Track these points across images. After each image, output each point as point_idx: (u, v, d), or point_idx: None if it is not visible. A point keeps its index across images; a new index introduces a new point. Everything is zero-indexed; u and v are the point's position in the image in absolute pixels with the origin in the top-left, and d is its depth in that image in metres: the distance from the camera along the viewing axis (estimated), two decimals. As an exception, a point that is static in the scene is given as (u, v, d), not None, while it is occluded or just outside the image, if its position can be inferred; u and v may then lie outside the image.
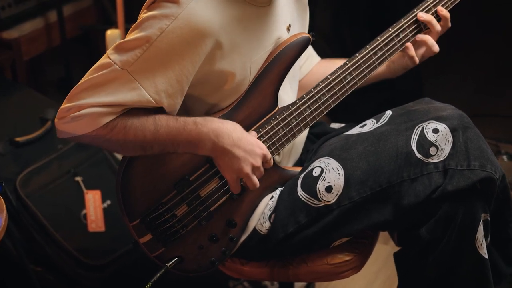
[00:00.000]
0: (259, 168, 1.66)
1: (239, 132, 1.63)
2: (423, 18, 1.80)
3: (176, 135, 1.59)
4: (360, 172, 1.67)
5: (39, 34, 3.06)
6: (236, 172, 1.63)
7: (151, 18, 1.53)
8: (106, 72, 1.54)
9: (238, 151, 1.62)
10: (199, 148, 1.61)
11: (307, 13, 1.88)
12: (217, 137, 1.60)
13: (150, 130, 1.58)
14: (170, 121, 1.59)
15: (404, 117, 1.71)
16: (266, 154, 1.66)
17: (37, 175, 2.40)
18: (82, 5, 3.29)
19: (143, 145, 1.59)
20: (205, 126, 1.60)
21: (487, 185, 1.65)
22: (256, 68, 1.68)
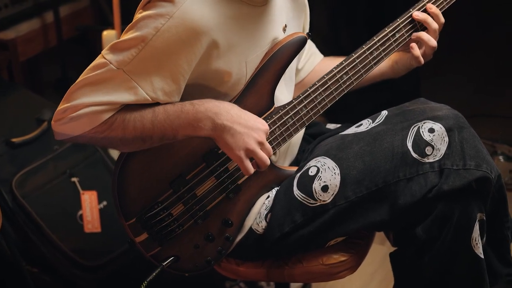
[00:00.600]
0: (264, 144, 1.62)
1: (237, 110, 1.60)
2: (418, 17, 1.79)
3: (174, 119, 1.57)
4: (356, 171, 1.67)
5: (36, 34, 3.06)
6: (242, 148, 1.59)
7: (146, 18, 1.53)
8: (102, 71, 1.54)
9: (239, 127, 1.59)
10: (199, 128, 1.58)
11: (304, 12, 1.88)
12: (216, 114, 1.58)
13: (148, 118, 1.57)
14: (167, 106, 1.58)
15: (400, 117, 1.72)
16: (267, 130, 1.63)
17: (33, 175, 2.39)
18: (79, 5, 3.29)
19: (143, 135, 1.58)
20: (202, 105, 1.58)
21: (482, 184, 1.65)
22: (252, 67, 1.68)
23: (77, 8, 3.28)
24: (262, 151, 1.61)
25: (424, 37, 1.79)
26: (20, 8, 2.99)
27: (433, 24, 1.79)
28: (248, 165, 1.60)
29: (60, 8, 3.10)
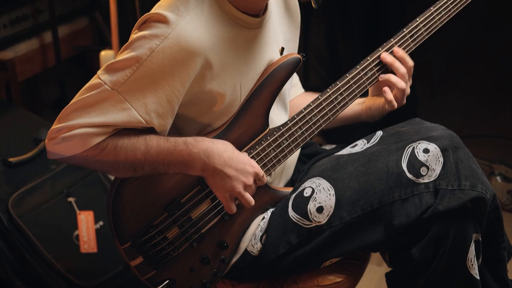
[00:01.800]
0: (251, 186, 1.65)
1: (230, 152, 1.63)
2: (385, 60, 1.76)
3: (166, 155, 1.59)
4: (351, 192, 1.67)
5: (34, 55, 3.07)
6: (228, 191, 1.63)
7: (141, 38, 1.54)
8: (96, 92, 1.54)
9: (229, 170, 1.62)
10: (190, 168, 1.61)
11: (298, 32, 1.89)
12: (208, 157, 1.60)
13: (140, 150, 1.58)
14: (160, 141, 1.59)
15: (395, 137, 1.72)
16: (258, 172, 1.66)
17: (30, 195, 2.39)
18: (78, 26, 3.30)
19: (134, 165, 1.59)
20: (195, 146, 1.60)
21: (478, 205, 1.65)
22: (247, 89, 1.68)
23: (76, 29, 3.29)
24: (248, 191, 1.65)
25: (392, 79, 1.76)
26: (19, 28, 3.01)
27: (400, 69, 1.76)
28: (231, 206, 1.66)
29: (58, 29, 3.11)
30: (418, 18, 1.79)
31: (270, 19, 1.71)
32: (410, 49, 1.80)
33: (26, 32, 3.05)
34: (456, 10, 1.82)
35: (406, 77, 1.77)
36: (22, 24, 3.02)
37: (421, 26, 1.79)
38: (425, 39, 1.81)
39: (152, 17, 1.55)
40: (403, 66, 1.76)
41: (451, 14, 1.82)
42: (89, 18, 3.37)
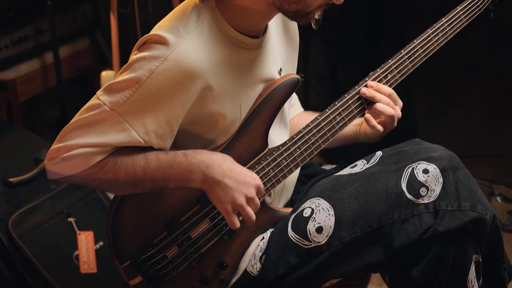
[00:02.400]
0: (253, 199, 1.63)
1: (229, 163, 1.62)
2: (366, 95, 1.76)
3: (166, 169, 1.59)
4: (351, 212, 1.67)
5: (35, 75, 3.08)
6: (230, 203, 1.60)
7: (141, 60, 1.54)
8: (95, 113, 1.55)
9: (230, 181, 1.60)
10: (190, 180, 1.60)
11: (297, 54, 1.89)
12: (207, 167, 1.59)
13: (140, 165, 1.58)
14: (160, 155, 1.59)
15: (394, 158, 1.72)
16: (259, 185, 1.64)
17: (30, 215, 2.39)
18: (79, 46, 3.32)
19: (134, 181, 1.59)
20: (194, 157, 1.59)
21: (478, 226, 1.65)
22: (246, 109, 1.69)
23: (77, 49, 3.31)
24: (250, 206, 1.63)
25: (379, 108, 1.75)
26: (20, 49, 3.02)
27: (383, 99, 1.75)
28: (234, 219, 1.62)
29: (60, 49, 3.12)
30: (416, 39, 1.80)
31: (270, 40, 1.72)
32: (408, 70, 1.81)
33: (28, 53, 3.07)
34: (452, 33, 1.84)
35: (391, 103, 1.77)
36: (23, 45, 3.03)
37: (418, 47, 1.80)
38: (423, 61, 1.82)
39: (151, 38, 1.56)
40: (385, 97, 1.76)
41: (448, 36, 1.83)
42: (90, 39, 3.39)
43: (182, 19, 1.59)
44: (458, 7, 1.85)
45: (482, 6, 1.88)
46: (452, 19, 1.83)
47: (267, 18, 1.67)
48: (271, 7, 1.61)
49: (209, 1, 1.62)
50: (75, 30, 3.31)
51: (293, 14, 1.62)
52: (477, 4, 1.86)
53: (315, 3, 1.60)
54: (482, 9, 1.88)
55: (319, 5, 1.61)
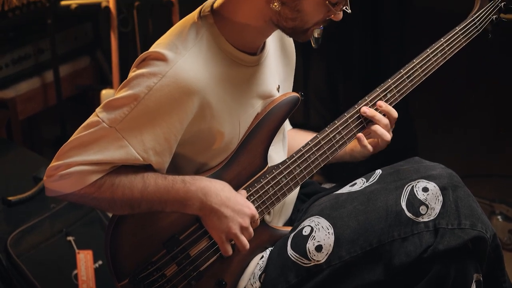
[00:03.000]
0: (247, 228, 1.65)
1: (227, 192, 1.63)
2: (366, 114, 1.76)
3: (164, 193, 1.59)
4: (350, 231, 1.66)
5: (35, 93, 3.09)
6: (225, 232, 1.63)
7: (140, 76, 1.55)
8: (94, 130, 1.55)
9: (227, 210, 1.61)
10: (187, 207, 1.61)
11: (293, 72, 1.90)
12: (205, 195, 1.60)
13: (138, 188, 1.58)
14: (158, 179, 1.59)
15: (394, 176, 1.71)
16: (254, 214, 1.66)
17: (28, 234, 2.38)
18: (79, 65, 3.33)
19: (131, 203, 1.59)
20: (193, 184, 1.60)
21: (478, 244, 1.64)
22: (245, 126, 1.69)
23: (77, 68, 3.31)
24: (244, 235, 1.64)
25: (378, 131, 1.75)
26: (20, 67, 3.03)
27: (382, 120, 1.76)
28: (227, 247, 1.65)
29: (60, 68, 3.13)
30: (415, 59, 1.81)
31: (268, 57, 1.72)
32: (408, 89, 1.81)
33: (28, 71, 3.07)
34: (451, 53, 1.84)
35: (389, 126, 1.78)
36: (24, 64, 3.04)
37: (417, 67, 1.80)
38: (422, 80, 1.82)
39: (150, 55, 1.57)
40: (385, 118, 1.76)
41: (447, 56, 1.84)
42: (91, 57, 3.40)
43: (180, 36, 1.59)
44: (456, 27, 1.86)
45: (480, 27, 1.89)
46: (450, 40, 1.84)
47: (265, 35, 1.67)
48: (269, 23, 1.62)
49: (208, 19, 1.62)
50: (75, 48, 3.32)
51: (291, 30, 1.62)
52: (476, 25, 1.87)
53: (312, 20, 1.60)
54: (480, 30, 1.89)
55: (316, 22, 1.61)
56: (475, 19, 1.87)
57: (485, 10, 1.89)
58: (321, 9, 1.58)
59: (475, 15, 1.88)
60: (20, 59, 3.02)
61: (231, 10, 1.62)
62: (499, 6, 1.91)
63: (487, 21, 1.90)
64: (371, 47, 3.22)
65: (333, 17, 1.62)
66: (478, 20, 1.88)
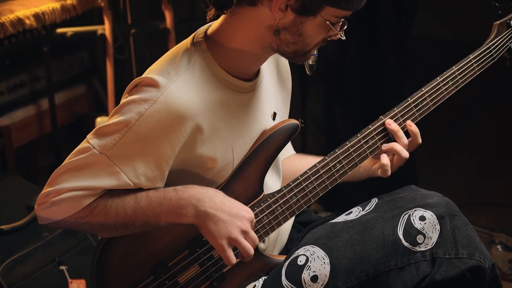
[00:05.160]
0: (248, 232, 1.59)
1: (221, 197, 1.59)
2: (390, 127, 1.74)
3: (157, 206, 1.56)
4: (346, 261, 1.63)
5: (31, 121, 3.08)
6: (224, 237, 1.56)
7: (131, 103, 1.54)
8: (85, 156, 1.53)
9: (223, 214, 1.56)
10: (182, 216, 1.56)
11: (290, 98, 1.88)
12: (199, 201, 1.56)
13: (130, 205, 1.56)
14: (149, 192, 1.57)
15: (390, 205, 1.69)
16: (252, 219, 1.61)
17: (21, 263, 2.37)
18: (75, 92, 3.33)
19: (125, 221, 1.56)
20: (185, 192, 1.57)
21: (476, 274, 1.62)
22: (240, 153, 1.66)
23: (74, 95, 3.32)
24: (247, 240, 1.58)
25: (397, 148, 1.73)
26: (15, 95, 3.02)
27: (403, 139, 1.73)
28: (230, 254, 1.57)
29: (56, 95, 3.12)
30: (424, 88, 1.76)
31: (263, 83, 1.71)
32: (415, 119, 1.77)
33: (23, 99, 3.07)
34: (464, 82, 1.79)
35: (407, 147, 1.75)
36: (19, 91, 3.04)
37: (426, 96, 1.76)
38: (431, 110, 1.78)
39: (142, 81, 1.56)
40: (405, 137, 1.74)
41: (459, 85, 1.79)
42: (88, 85, 3.39)
43: (173, 62, 1.58)
44: (470, 55, 1.80)
45: (497, 55, 1.83)
46: (463, 68, 1.78)
47: (261, 61, 1.66)
48: (267, 49, 1.61)
49: (201, 45, 1.61)
50: (72, 76, 3.33)
51: (292, 54, 1.61)
52: (492, 52, 1.82)
53: (313, 42, 1.60)
54: (496, 58, 1.83)
55: (316, 43, 1.61)
56: (490, 46, 1.82)
57: (502, 37, 1.84)
58: (322, 30, 1.58)
59: (491, 42, 1.83)
60: (15, 87, 3.02)
61: (227, 36, 1.61)
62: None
63: (504, 49, 1.84)
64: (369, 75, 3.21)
65: (333, 36, 1.60)
66: (495, 48, 1.83)
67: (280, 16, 1.55)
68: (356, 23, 3.02)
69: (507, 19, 1.85)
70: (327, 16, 1.55)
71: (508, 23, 1.84)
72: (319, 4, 1.53)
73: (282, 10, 1.54)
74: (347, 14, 1.58)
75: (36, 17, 2.85)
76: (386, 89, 3.15)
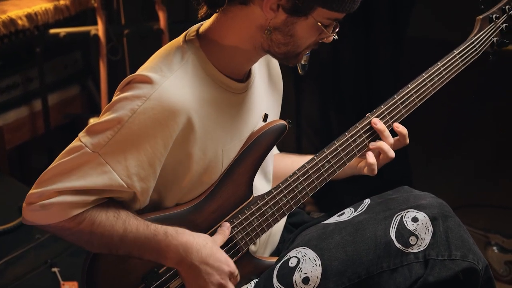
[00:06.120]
0: (225, 287, 1.59)
1: (209, 248, 1.59)
2: (376, 126, 1.73)
3: (144, 243, 1.56)
4: (338, 262, 1.62)
5: (23, 122, 3.07)
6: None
7: (123, 100, 1.52)
8: (76, 155, 1.51)
9: (206, 267, 1.57)
10: (166, 259, 1.57)
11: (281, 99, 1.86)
12: (186, 252, 1.56)
13: (118, 233, 1.55)
14: (140, 227, 1.56)
15: (383, 206, 1.68)
16: (233, 272, 1.61)
17: (12, 265, 2.36)
18: (69, 94, 3.32)
19: (109, 246, 1.56)
20: (175, 239, 1.56)
21: (470, 276, 1.61)
22: (229, 156, 1.65)
23: (67, 96, 3.30)
24: None
25: (384, 147, 1.73)
26: (8, 96, 3.01)
27: (390, 138, 1.74)
28: None
29: (49, 96, 3.11)
30: (410, 84, 1.77)
31: (254, 84, 1.69)
32: (402, 116, 1.77)
33: (16, 100, 3.05)
34: (449, 77, 1.80)
35: (393, 146, 1.75)
36: (12, 92, 3.02)
37: (412, 92, 1.77)
38: (417, 106, 1.78)
39: (135, 78, 1.54)
40: (391, 137, 1.74)
41: (444, 81, 1.80)
42: (81, 86, 3.38)
43: (166, 60, 1.57)
44: (454, 50, 1.82)
45: (480, 50, 1.85)
46: (448, 63, 1.80)
47: (252, 61, 1.65)
48: (258, 49, 1.60)
49: (193, 42, 1.60)
50: (65, 77, 3.32)
51: (283, 56, 1.60)
52: (475, 47, 1.83)
53: (305, 44, 1.58)
54: (480, 53, 1.85)
55: (308, 45, 1.60)
56: (474, 41, 1.84)
57: (485, 32, 1.85)
58: (313, 32, 1.57)
59: (475, 37, 1.84)
60: (8, 88, 3.01)
61: (219, 35, 1.60)
62: (500, 27, 1.87)
63: (487, 44, 1.86)
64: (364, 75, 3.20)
65: (325, 39, 1.59)
66: (478, 43, 1.84)
67: (271, 16, 1.54)
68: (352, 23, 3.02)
69: (489, 14, 1.87)
70: (318, 17, 1.54)
71: (490, 18, 1.86)
72: (311, 5, 1.52)
73: (273, 10, 1.53)
74: (340, 16, 1.56)
75: (29, 18, 2.84)
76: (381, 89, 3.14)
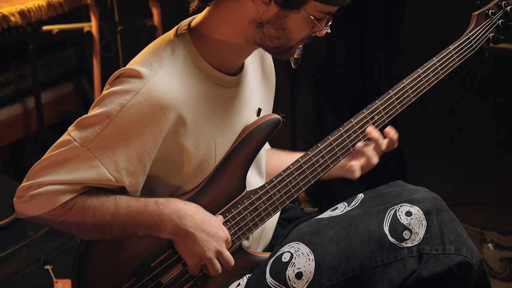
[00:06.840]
0: (222, 253, 1.59)
1: (202, 214, 1.58)
2: (371, 135, 1.73)
3: (136, 216, 1.54)
4: (331, 257, 1.61)
5: (17, 120, 3.05)
6: (199, 256, 1.57)
7: (112, 94, 1.51)
8: (65, 149, 1.51)
9: (202, 234, 1.56)
10: (161, 230, 1.55)
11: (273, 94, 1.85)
12: (180, 218, 1.54)
13: (109, 211, 1.53)
14: (130, 201, 1.55)
15: (376, 200, 1.67)
16: (228, 237, 1.61)
17: (5, 263, 2.35)
18: (62, 91, 3.30)
19: (102, 226, 1.54)
20: (167, 206, 1.55)
21: (464, 270, 1.61)
22: (222, 150, 1.64)
23: (61, 94, 3.28)
24: (221, 260, 1.59)
25: (368, 154, 1.75)
26: (1, 93, 2.99)
27: (382, 146, 1.75)
28: (197, 270, 1.60)
29: (42, 94, 3.09)
30: (405, 79, 1.76)
31: (247, 78, 1.68)
32: (396, 111, 1.76)
33: (9, 98, 3.03)
34: (444, 73, 1.80)
35: (380, 154, 1.76)
36: (4, 89, 3.00)
37: (407, 87, 1.76)
38: (412, 101, 1.78)
39: (124, 72, 1.53)
40: (385, 144, 1.75)
41: (440, 76, 1.79)
42: (75, 83, 3.36)
43: (156, 54, 1.56)
44: (450, 46, 1.81)
45: (476, 45, 1.84)
46: (444, 59, 1.79)
47: (245, 55, 1.64)
48: (250, 43, 1.58)
49: (185, 36, 1.59)
50: (58, 74, 3.29)
51: (275, 49, 1.59)
52: (471, 43, 1.82)
53: (297, 37, 1.57)
54: (476, 49, 1.84)
55: (300, 39, 1.58)
56: (470, 37, 1.83)
57: (481, 28, 1.84)
58: (306, 26, 1.56)
59: (471, 33, 1.83)
60: (0, 85, 2.99)
61: (211, 28, 1.58)
62: (496, 23, 1.86)
63: (483, 40, 1.85)
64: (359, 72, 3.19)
65: (318, 33, 1.58)
66: (474, 38, 1.83)
67: (263, 9, 1.53)
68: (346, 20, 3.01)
69: (485, 10, 1.86)
70: (311, 11, 1.53)
71: (486, 14, 1.86)
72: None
73: (265, 3, 1.52)
74: (332, 10, 1.55)
75: (22, 14, 2.81)
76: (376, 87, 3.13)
